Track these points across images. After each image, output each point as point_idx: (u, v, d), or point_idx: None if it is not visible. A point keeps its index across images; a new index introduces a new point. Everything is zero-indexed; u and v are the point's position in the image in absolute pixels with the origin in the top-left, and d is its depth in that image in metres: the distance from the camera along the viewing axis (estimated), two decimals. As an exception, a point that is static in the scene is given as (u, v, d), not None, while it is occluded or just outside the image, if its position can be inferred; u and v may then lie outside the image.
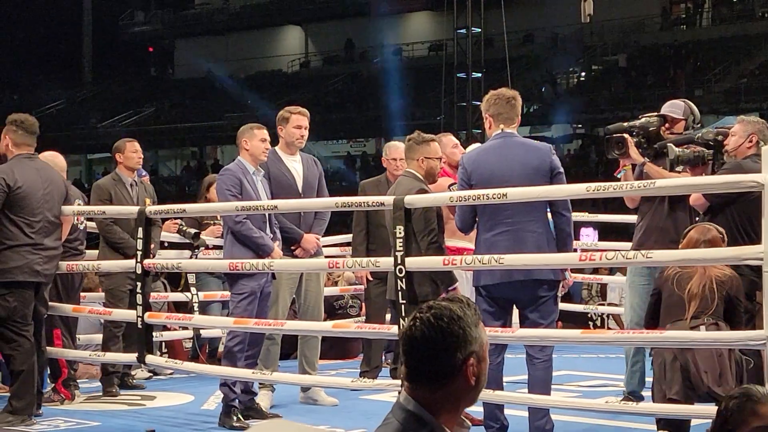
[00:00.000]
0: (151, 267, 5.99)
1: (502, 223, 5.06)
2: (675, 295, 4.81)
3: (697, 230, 4.93)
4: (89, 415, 6.09)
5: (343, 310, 9.06)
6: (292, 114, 6.30)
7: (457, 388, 2.22)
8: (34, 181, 5.90)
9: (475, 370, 2.21)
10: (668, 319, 4.81)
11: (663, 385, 4.67)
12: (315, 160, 6.61)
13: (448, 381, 2.21)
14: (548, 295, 5.12)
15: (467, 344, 2.20)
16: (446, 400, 2.21)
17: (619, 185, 4.80)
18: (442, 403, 2.21)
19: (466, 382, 2.21)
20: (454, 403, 2.22)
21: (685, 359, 4.64)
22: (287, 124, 6.30)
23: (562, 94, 30.60)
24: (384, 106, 29.96)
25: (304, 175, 6.37)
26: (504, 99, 5.25)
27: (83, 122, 36.06)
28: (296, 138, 6.31)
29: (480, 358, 2.23)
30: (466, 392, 2.23)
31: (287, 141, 6.34)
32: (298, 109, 6.35)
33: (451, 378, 2.21)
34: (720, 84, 27.30)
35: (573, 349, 8.23)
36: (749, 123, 5.51)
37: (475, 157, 5.26)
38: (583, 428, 5.48)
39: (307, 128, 6.33)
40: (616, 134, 5.79)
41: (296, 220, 6.30)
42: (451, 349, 2.20)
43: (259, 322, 5.65)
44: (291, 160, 6.37)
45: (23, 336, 5.82)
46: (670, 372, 4.65)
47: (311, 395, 6.44)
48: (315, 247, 6.35)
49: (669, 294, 4.86)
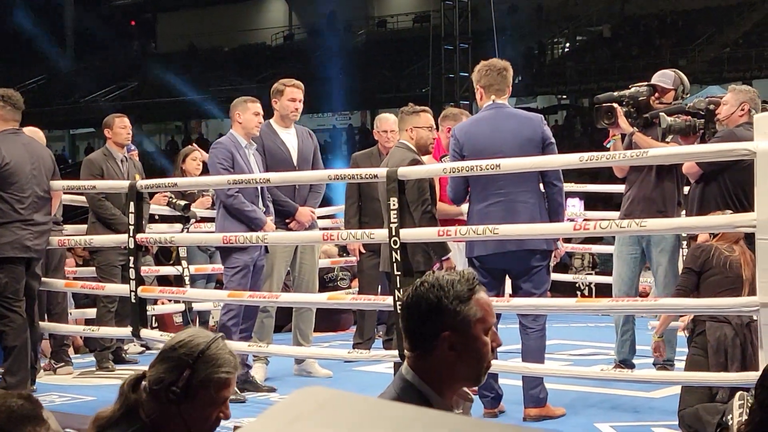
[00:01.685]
0: (143, 241, 5.98)
1: (495, 194, 5.08)
2: (722, 277, 4.85)
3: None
4: (84, 390, 6.11)
5: (332, 282, 9.06)
6: (287, 87, 6.28)
7: (442, 359, 2.24)
8: (22, 157, 5.88)
9: (451, 344, 2.22)
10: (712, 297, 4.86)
11: (721, 358, 4.72)
12: (310, 132, 6.60)
13: (431, 350, 2.24)
14: (541, 264, 5.15)
15: (441, 315, 2.23)
16: (438, 370, 2.24)
17: (612, 155, 4.82)
18: (436, 374, 2.24)
19: (446, 354, 2.23)
20: (447, 375, 2.24)
21: (744, 337, 4.71)
22: (282, 97, 6.27)
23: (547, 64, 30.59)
24: (369, 79, 29.87)
25: (299, 148, 6.36)
26: (495, 70, 5.25)
27: (66, 97, 35.81)
28: (291, 111, 6.29)
29: (462, 333, 2.23)
30: (452, 365, 2.24)
31: (282, 114, 6.32)
32: (293, 82, 6.33)
33: (431, 347, 2.24)
34: (704, 53, 27.31)
35: (563, 318, 8.29)
36: (741, 92, 5.54)
37: (467, 129, 5.27)
38: (577, 396, 5.53)
39: (301, 101, 6.31)
40: (606, 104, 5.81)
41: (291, 194, 6.29)
42: (424, 317, 2.24)
43: (254, 295, 5.65)
44: (286, 133, 6.35)
45: (15, 312, 5.81)
46: (732, 348, 4.71)
47: (305, 367, 6.47)
48: (310, 220, 6.35)
49: (716, 274, 4.88)
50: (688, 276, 5.00)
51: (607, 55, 29.08)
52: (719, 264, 4.89)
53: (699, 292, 4.93)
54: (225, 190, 5.79)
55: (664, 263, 5.87)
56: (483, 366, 2.27)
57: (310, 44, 36.07)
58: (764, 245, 4.12)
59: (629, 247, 5.98)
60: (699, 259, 4.97)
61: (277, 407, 1.00)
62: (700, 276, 4.94)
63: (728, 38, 27.95)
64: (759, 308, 4.16)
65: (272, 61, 33.73)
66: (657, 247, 5.88)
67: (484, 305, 2.27)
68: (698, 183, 5.45)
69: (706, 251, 4.95)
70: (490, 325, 2.28)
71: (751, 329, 4.65)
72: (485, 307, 2.27)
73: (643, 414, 5.20)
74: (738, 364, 4.69)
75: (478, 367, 2.26)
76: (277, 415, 0.95)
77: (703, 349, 4.80)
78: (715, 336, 4.77)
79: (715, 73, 26.27)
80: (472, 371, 2.26)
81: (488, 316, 2.27)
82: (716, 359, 4.73)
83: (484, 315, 2.26)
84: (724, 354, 4.72)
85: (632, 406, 5.36)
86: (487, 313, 2.27)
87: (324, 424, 0.93)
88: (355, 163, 6.98)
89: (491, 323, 2.29)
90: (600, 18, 31.36)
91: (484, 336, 2.26)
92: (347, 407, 0.95)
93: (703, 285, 4.93)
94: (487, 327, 2.27)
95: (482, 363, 2.27)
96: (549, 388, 5.21)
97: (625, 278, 5.98)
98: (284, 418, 0.93)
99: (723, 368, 4.69)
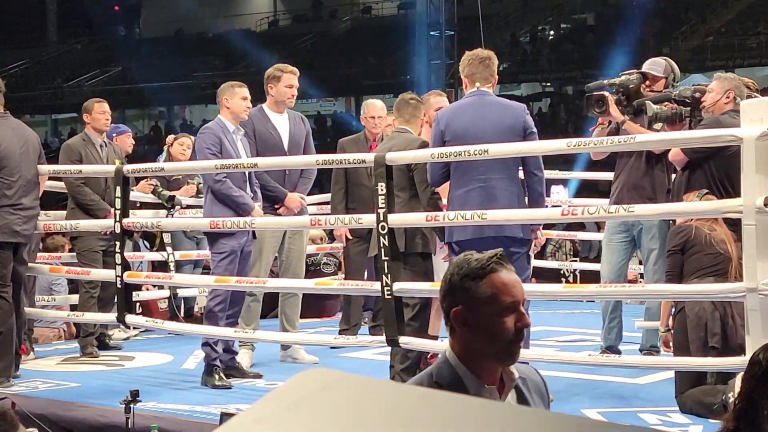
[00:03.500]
0: (130, 226, 5.95)
1: (475, 179, 5.12)
2: (705, 254, 4.89)
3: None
4: (68, 376, 6.08)
5: (315, 267, 8.99)
6: (284, 73, 6.25)
7: (460, 335, 2.33)
8: (11, 141, 5.83)
9: (463, 319, 2.31)
10: (696, 275, 4.90)
11: (701, 332, 4.76)
12: (302, 117, 6.58)
13: (453, 327, 2.34)
14: (520, 251, 5.17)
15: (453, 291, 2.34)
16: (462, 347, 2.32)
17: (600, 140, 4.81)
18: (467, 351, 2.32)
19: (460, 330, 2.32)
20: (468, 352, 2.32)
21: (724, 310, 4.74)
22: (278, 83, 6.24)
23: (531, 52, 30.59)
24: (354, 65, 29.79)
25: (291, 133, 6.34)
26: (478, 59, 5.31)
27: (48, 82, 35.55)
28: (288, 97, 6.28)
29: (472, 309, 2.30)
30: (469, 342, 2.32)
31: (277, 100, 6.29)
32: (290, 68, 6.31)
33: (453, 324, 2.34)
34: (687, 42, 27.37)
35: (549, 305, 8.32)
36: (726, 79, 5.55)
37: (449, 114, 5.31)
38: (563, 382, 5.54)
39: (296, 86, 6.30)
40: (596, 92, 5.82)
41: (281, 179, 6.28)
42: (443, 292, 2.38)
43: (241, 281, 5.63)
44: (278, 118, 6.33)
45: (2, 297, 5.78)
46: (711, 321, 4.75)
47: (291, 353, 6.46)
48: (299, 206, 6.34)
49: (699, 252, 4.92)
50: (673, 258, 5.05)
51: (592, 42, 29.10)
52: (701, 242, 4.93)
53: (683, 272, 4.97)
54: (213, 175, 5.76)
55: (656, 249, 5.91)
56: (500, 344, 2.30)
57: (295, 30, 35.95)
58: (750, 230, 4.15)
59: (619, 234, 6.00)
60: (681, 238, 5.01)
61: (278, 390, 1.00)
62: (683, 255, 4.98)
63: (711, 27, 28.02)
64: (745, 293, 4.18)
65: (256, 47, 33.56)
66: (648, 233, 5.91)
67: (498, 284, 2.31)
68: (684, 170, 5.47)
69: (686, 231, 5.00)
70: (506, 305, 2.30)
71: (730, 303, 4.68)
72: (499, 287, 2.31)
73: (630, 400, 5.23)
74: (719, 337, 4.72)
75: (495, 345, 2.30)
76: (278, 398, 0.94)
77: (684, 328, 4.84)
78: (694, 311, 4.82)
79: (698, 62, 26.30)
80: (488, 348, 2.30)
81: (502, 296, 2.30)
82: (696, 334, 4.78)
83: (496, 293, 2.30)
84: (704, 328, 4.76)
85: (619, 393, 5.39)
86: (501, 293, 2.30)
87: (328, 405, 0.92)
88: (342, 148, 6.97)
89: (506, 303, 2.30)
90: (584, 6, 31.38)
91: (498, 315, 2.29)
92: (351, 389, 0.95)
93: (686, 263, 4.97)
94: (502, 306, 2.30)
95: (497, 341, 2.29)
96: (535, 374, 5.22)
97: (614, 265, 6.00)
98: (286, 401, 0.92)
99: (704, 343, 4.74)
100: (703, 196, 5.04)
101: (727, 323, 4.74)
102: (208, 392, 5.57)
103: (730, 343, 4.69)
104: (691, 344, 4.77)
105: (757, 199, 4.11)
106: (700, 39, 27.45)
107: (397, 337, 4.97)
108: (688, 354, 4.78)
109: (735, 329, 4.69)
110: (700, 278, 4.88)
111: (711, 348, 4.72)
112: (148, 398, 5.11)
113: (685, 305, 4.87)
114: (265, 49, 30.06)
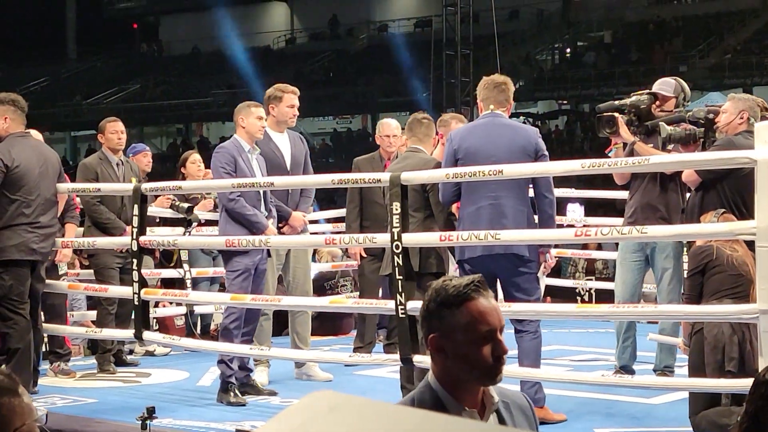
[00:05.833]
0: (147, 244, 6.01)
1: (485, 197, 5.18)
2: (727, 275, 4.89)
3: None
4: (86, 392, 6.13)
5: (333, 289, 9.02)
6: (285, 93, 6.31)
7: (441, 363, 2.29)
8: (30, 159, 5.91)
9: (439, 346, 2.27)
10: (716, 296, 4.89)
11: (718, 356, 4.75)
12: (301, 137, 6.66)
13: (432, 354, 2.32)
14: (526, 270, 5.20)
15: (428, 318, 2.31)
16: (447, 373, 2.28)
17: (613, 161, 4.86)
18: (447, 377, 2.28)
19: (439, 357, 2.28)
20: (449, 377, 2.28)
21: (743, 335, 4.74)
22: (280, 103, 6.31)
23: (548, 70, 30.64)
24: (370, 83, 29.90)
25: (292, 153, 6.41)
26: (493, 84, 5.40)
27: (68, 99, 35.85)
28: (289, 117, 6.34)
29: (448, 337, 2.26)
30: (448, 368, 2.28)
31: (279, 120, 6.35)
32: (291, 88, 6.37)
33: (431, 351, 2.32)
34: (704, 60, 27.36)
35: (563, 324, 8.32)
36: (740, 100, 5.57)
37: (462, 134, 5.38)
38: (577, 402, 5.55)
39: (297, 106, 6.36)
40: (607, 113, 5.85)
41: (284, 198, 6.34)
42: (420, 318, 2.37)
43: (256, 298, 5.67)
44: (279, 138, 6.40)
45: (19, 314, 5.84)
46: (729, 345, 4.74)
47: (306, 371, 6.49)
48: (303, 225, 6.40)
49: (721, 272, 4.91)
50: (693, 279, 5.03)
51: (608, 60, 29.14)
52: (722, 262, 4.92)
53: (702, 292, 4.97)
54: (227, 194, 5.82)
55: (670, 268, 5.92)
56: (478, 371, 2.25)
57: (312, 48, 36.13)
58: (764, 252, 4.15)
59: (633, 254, 6.01)
60: (703, 260, 5.00)
61: (288, 410, 1.03)
62: (704, 276, 4.98)
63: (729, 45, 28.00)
64: (759, 315, 4.18)
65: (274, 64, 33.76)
66: (662, 253, 5.93)
67: (475, 312, 2.24)
68: (698, 191, 5.48)
69: (707, 251, 4.99)
70: (482, 333, 2.24)
71: (749, 327, 4.67)
72: (475, 315, 2.24)
73: (643, 420, 5.23)
74: (736, 362, 4.72)
75: (473, 372, 2.26)
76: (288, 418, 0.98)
77: (701, 349, 4.84)
78: (712, 334, 4.80)
79: (715, 80, 26.30)
80: (467, 375, 2.27)
81: (479, 324, 2.24)
82: (713, 357, 4.77)
83: (473, 321, 2.24)
84: (721, 352, 4.75)
85: (632, 412, 5.39)
86: (478, 321, 2.24)
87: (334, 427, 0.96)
88: (356, 167, 7.02)
89: (482, 331, 2.24)
90: (600, 24, 31.42)
91: (474, 344, 2.24)
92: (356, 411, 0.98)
93: (706, 284, 4.95)
94: (478, 335, 2.24)
95: (475, 368, 2.25)
96: (549, 394, 5.23)
97: (629, 284, 6.01)
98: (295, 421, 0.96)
99: (720, 366, 4.73)
100: (720, 216, 5.03)
101: (744, 348, 4.73)
102: (223, 409, 5.61)
103: (746, 368, 4.66)
104: (707, 366, 4.76)
105: (770, 221, 4.11)
106: (717, 57, 27.44)
107: (411, 355, 5.00)
108: (703, 375, 4.77)
109: (753, 354, 4.66)
110: (718, 300, 4.86)
111: (727, 372, 4.70)
112: (164, 415, 5.16)
113: (704, 327, 4.86)
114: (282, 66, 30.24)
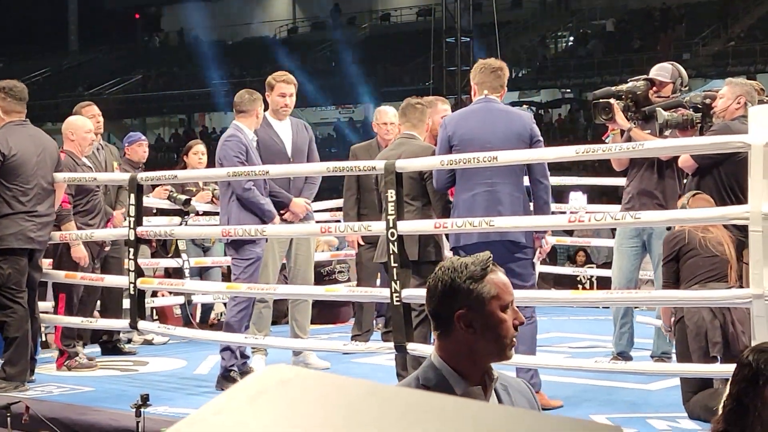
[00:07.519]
0: (144, 234, 6.01)
1: (480, 184, 5.16)
2: (702, 258, 4.89)
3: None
4: (82, 381, 6.14)
5: (330, 276, 9.01)
6: (277, 82, 6.30)
7: (461, 338, 2.33)
8: (28, 148, 5.92)
9: (467, 321, 2.32)
10: (694, 280, 4.89)
11: (702, 342, 4.75)
12: (305, 125, 6.64)
13: (451, 330, 2.34)
14: (522, 257, 5.20)
15: (455, 294, 2.33)
16: (459, 350, 2.34)
17: (608, 147, 4.84)
18: (457, 354, 2.34)
19: (463, 331, 2.32)
20: (468, 353, 2.33)
21: (724, 318, 4.73)
22: (272, 92, 6.31)
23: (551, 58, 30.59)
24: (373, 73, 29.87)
25: (294, 140, 6.40)
26: (489, 69, 5.35)
27: (70, 91, 35.86)
28: (280, 106, 6.32)
29: (477, 310, 2.32)
30: (472, 343, 2.33)
31: (272, 108, 6.36)
32: (284, 77, 6.34)
33: (451, 328, 2.34)
34: (708, 47, 27.28)
35: (562, 311, 8.32)
36: (737, 85, 5.55)
37: (457, 120, 5.35)
38: (574, 388, 5.55)
39: (292, 95, 6.32)
40: (603, 99, 5.83)
41: (286, 185, 6.34)
42: (440, 298, 2.36)
43: (252, 287, 5.68)
44: (280, 126, 6.39)
45: (18, 303, 5.85)
46: (711, 330, 4.74)
47: (303, 359, 6.50)
48: (304, 211, 6.38)
49: (695, 256, 4.92)
50: (668, 266, 5.05)
51: (611, 48, 29.07)
52: (695, 246, 4.92)
53: (679, 278, 4.96)
54: (242, 183, 5.84)
55: None
56: (504, 342, 2.34)
57: (314, 37, 36.10)
58: (757, 237, 4.15)
59: (630, 240, 6.01)
60: (675, 246, 5.02)
61: (239, 384, 1.03)
62: (678, 262, 4.97)
63: (733, 32, 27.92)
64: (751, 300, 4.18)
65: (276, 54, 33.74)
66: (659, 239, 5.91)
67: (498, 284, 2.34)
68: (694, 176, 5.47)
69: (679, 237, 5.00)
70: (507, 303, 2.35)
71: (730, 309, 4.67)
72: (500, 286, 2.34)
73: (640, 406, 5.22)
74: (720, 346, 4.71)
75: (499, 344, 2.34)
76: (240, 391, 0.98)
77: (685, 338, 4.84)
78: (693, 321, 4.81)
79: (719, 67, 26.22)
80: (493, 347, 2.34)
81: (503, 294, 2.34)
82: (697, 344, 4.77)
83: (499, 293, 2.33)
84: (704, 337, 4.75)
85: (629, 399, 5.39)
86: (503, 291, 2.34)
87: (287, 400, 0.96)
88: (353, 155, 7.01)
89: (507, 301, 2.35)
90: (604, 11, 31.34)
91: (500, 313, 2.33)
92: (308, 385, 0.98)
93: (682, 269, 4.96)
94: (504, 304, 2.34)
95: (502, 339, 2.33)
96: (546, 381, 5.23)
97: (625, 271, 6.00)
98: (247, 394, 0.96)
99: (705, 352, 4.73)
100: (691, 198, 5.04)
101: (727, 331, 4.72)
102: (220, 397, 5.60)
103: (732, 350, 4.67)
104: (693, 354, 4.76)
105: (763, 206, 4.11)
106: (721, 44, 27.36)
107: (405, 343, 5.00)
108: (690, 362, 4.78)
109: (737, 336, 4.68)
110: (700, 284, 4.86)
111: (713, 358, 4.71)
112: (160, 403, 5.17)
113: (684, 314, 4.86)
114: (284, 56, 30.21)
